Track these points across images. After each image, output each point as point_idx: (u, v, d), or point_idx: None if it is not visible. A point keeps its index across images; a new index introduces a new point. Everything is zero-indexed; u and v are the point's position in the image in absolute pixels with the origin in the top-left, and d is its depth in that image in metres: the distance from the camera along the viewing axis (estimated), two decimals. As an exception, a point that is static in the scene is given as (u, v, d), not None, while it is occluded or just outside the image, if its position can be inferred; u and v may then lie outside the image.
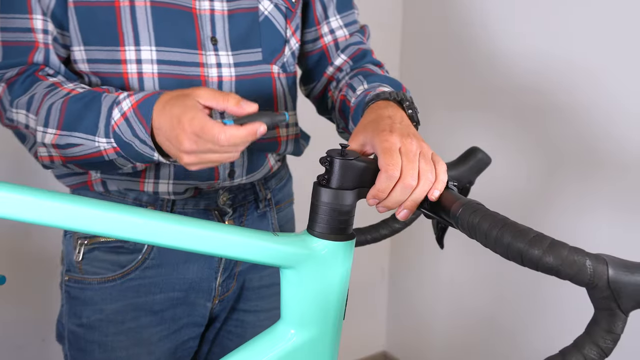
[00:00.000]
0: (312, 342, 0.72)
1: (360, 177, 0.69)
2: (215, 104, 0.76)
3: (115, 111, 0.82)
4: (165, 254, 0.98)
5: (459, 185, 0.89)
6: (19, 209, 0.58)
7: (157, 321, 1.00)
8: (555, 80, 1.61)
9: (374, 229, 0.88)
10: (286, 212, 1.14)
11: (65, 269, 1.01)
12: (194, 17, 0.91)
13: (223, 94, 0.76)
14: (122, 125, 0.81)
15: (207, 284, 1.02)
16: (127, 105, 0.81)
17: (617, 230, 1.51)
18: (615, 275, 0.53)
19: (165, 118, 0.77)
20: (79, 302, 0.99)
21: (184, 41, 0.91)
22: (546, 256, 0.55)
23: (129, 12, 0.88)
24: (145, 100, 0.80)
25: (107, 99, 0.83)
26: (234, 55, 0.95)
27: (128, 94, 0.83)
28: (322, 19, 1.07)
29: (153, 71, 0.90)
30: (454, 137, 1.94)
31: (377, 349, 2.35)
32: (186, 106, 0.75)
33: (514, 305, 1.82)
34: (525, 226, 0.59)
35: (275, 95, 1.00)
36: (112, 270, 0.97)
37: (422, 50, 2.05)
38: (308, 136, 1.13)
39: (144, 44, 0.90)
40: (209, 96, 0.76)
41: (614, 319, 0.54)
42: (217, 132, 0.73)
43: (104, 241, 0.97)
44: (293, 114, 1.06)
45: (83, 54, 0.91)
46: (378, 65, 1.07)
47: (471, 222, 0.62)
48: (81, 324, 0.99)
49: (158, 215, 0.64)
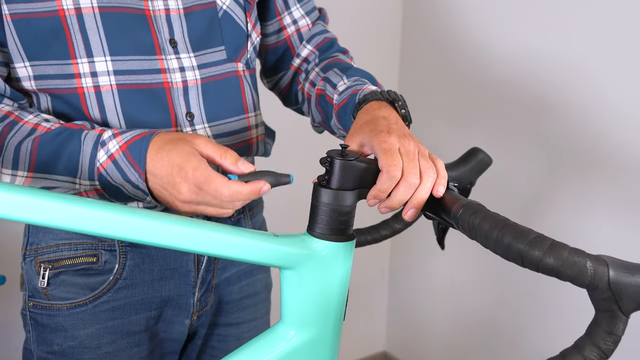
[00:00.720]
0: (312, 343, 0.71)
1: (361, 178, 0.69)
2: (213, 157, 0.74)
3: (101, 153, 0.77)
4: (138, 273, 0.93)
5: (459, 186, 0.89)
6: (19, 209, 0.58)
7: (136, 342, 0.95)
8: (555, 81, 1.61)
9: (374, 230, 0.88)
10: (258, 218, 1.10)
11: (28, 294, 0.93)
12: (148, 19, 0.85)
13: (222, 149, 0.74)
14: (109, 169, 0.77)
15: (185, 300, 0.97)
16: (115, 146, 0.77)
17: (618, 231, 1.51)
18: (616, 276, 0.53)
19: (163, 164, 0.74)
20: (48, 329, 0.92)
21: (141, 47, 0.85)
22: (547, 257, 0.55)
23: (76, 20, 0.81)
24: (136, 142, 0.76)
25: (88, 138, 0.78)
26: (197, 56, 0.89)
27: (113, 133, 0.78)
28: (283, 10, 1.03)
29: (111, 83, 0.84)
30: (454, 137, 1.94)
31: (377, 349, 2.35)
32: (187, 153, 0.73)
33: (514, 306, 1.82)
34: (526, 227, 0.59)
35: (244, 95, 0.96)
36: (83, 294, 0.90)
37: (422, 51, 2.05)
38: (273, 131, 1.10)
39: (97, 54, 0.82)
40: (208, 148, 0.74)
41: (615, 321, 0.54)
42: (220, 186, 0.72)
43: (71, 264, 0.90)
44: (260, 113, 1.01)
45: (29, 70, 0.83)
46: (344, 52, 1.06)
47: (472, 223, 0.62)
48: (52, 352, 0.92)
49: (157, 215, 0.64)
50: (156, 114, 0.87)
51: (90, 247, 0.91)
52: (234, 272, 1.04)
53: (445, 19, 1.93)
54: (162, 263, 0.94)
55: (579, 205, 1.59)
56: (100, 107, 0.85)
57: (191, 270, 0.96)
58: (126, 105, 0.85)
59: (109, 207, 0.62)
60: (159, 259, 0.94)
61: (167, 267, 0.95)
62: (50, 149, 0.79)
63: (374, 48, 2.07)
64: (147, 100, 0.86)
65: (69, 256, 0.90)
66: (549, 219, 1.67)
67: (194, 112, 0.90)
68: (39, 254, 0.92)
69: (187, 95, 0.89)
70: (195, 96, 0.89)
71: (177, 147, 0.74)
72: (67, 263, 0.90)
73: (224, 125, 0.94)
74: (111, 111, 0.85)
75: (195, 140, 0.75)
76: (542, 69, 1.64)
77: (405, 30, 2.10)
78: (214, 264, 0.99)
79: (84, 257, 0.91)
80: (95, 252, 0.91)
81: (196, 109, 0.90)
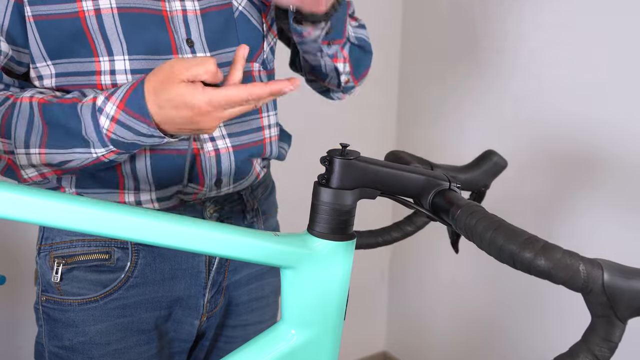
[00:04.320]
0: (313, 343, 0.71)
1: (361, 177, 0.69)
2: (197, 76, 0.74)
3: (102, 119, 0.78)
4: (149, 272, 0.94)
5: (474, 188, 0.88)
6: (19, 209, 0.58)
7: (145, 340, 0.96)
8: (555, 81, 1.61)
9: (385, 232, 0.87)
10: (271, 223, 1.10)
11: (41, 289, 0.95)
12: (165, 20, 0.87)
13: (198, 64, 0.74)
14: (117, 130, 0.78)
15: (195, 301, 0.98)
16: (112, 108, 0.78)
17: (625, 233, 1.51)
18: (610, 280, 0.51)
19: (171, 117, 0.76)
20: (59, 324, 0.93)
21: (158, 47, 0.86)
22: (538, 259, 0.53)
23: (96, 21, 0.83)
24: (131, 95, 0.77)
25: (84, 111, 0.79)
26: (213, 56, 0.90)
27: (105, 97, 0.79)
28: None
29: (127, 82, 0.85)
30: (454, 137, 1.94)
31: (377, 349, 2.35)
32: (182, 95, 0.74)
33: (514, 306, 1.82)
34: (520, 228, 0.57)
35: None
36: (94, 290, 0.92)
37: (422, 50, 2.05)
38: (289, 135, 1.10)
39: (116, 53, 0.85)
40: (187, 70, 0.74)
41: (611, 327, 0.52)
42: (243, 95, 0.74)
43: (84, 260, 0.92)
44: (275, 114, 1.02)
45: (52, 68, 0.85)
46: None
47: (468, 223, 0.60)
48: (63, 346, 0.94)
49: (158, 215, 0.64)
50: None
51: (103, 244, 0.92)
52: (244, 275, 1.04)
53: (446, 19, 1.93)
54: (173, 263, 0.95)
55: (583, 207, 1.59)
56: None
57: (202, 271, 0.97)
58: None
59: (112, 207, 0.62)
60: (170, 258, 0.94)
61: (178, 267, 0.95)
62: (56, 128, 0.80)
63: (373, 45, 2.06)
64: None
65: (82, 252, 0.92)
66: (550, 221, 1.66)
67: None
68: (53, 249, 0.93)
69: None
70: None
71: (170, 91, 0.74)
72: (81, 259, 0.91)
73: (238, 125, 0.95)
74: None
75: (175, 70, 0.74)
76: (541, 68, 1.64)
77: (405, 31, 2.10)
78: (225, 266, 1.00)
79: (97, 254, 0.92)
80: (108, 249, 0.92)
81: None
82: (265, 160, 1.04)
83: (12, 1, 0.82)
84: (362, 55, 1.05)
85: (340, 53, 0.99)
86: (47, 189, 0.86)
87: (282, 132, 1.08)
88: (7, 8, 0.82)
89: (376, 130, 2.13)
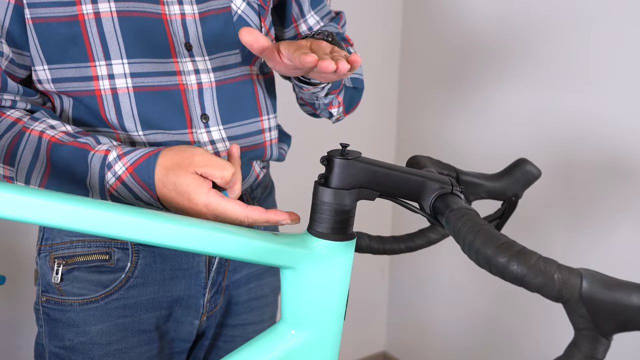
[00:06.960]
0: (313, 342, 0.71)
1: (359, 178, 0.69)
2: (211, 176, 0.75)
3: (109, 175, 0.79)
4: (149, 272, 0.94)
5: (503, 198, 0.85)
6: (19, 209, 0.58)
7: (146, 340, 0.96)
8: (555, 80, 1.61)
9: (409, 238, 0.85)
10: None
11: (41, 289, 0.95)
12: (164, 23, 0.87)
13: (218, 167, 0.75)
14: (119, 189, 0.79)
15: (195, 300, 0.98)
16: (122, 169, 0.78)
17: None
18: (590, 290, 0.47)
19: (169, 197, 0.76)
20: (60, 324, 0.94)
21: (157, 50, 0.87)
22: (511, 264, 0.50)
23: (95, 24, 0.83)
24: (142, 164, 0.78)
25: (94, 161, 0.79)
26: (211, 59, 0.91)
27: (118, 154, 0.79)
28: (299, 17, 1.05)
29: (127, 85, 0.86)
30: (454, 137, 1.94)
31: (377, 349, 2.35)
32: (190, 185, 0.74)
33: (514, 306, 1.82)
34: (501, 234, 0.54)
35: (258, 98, 0.98)
36: (95, 290, 0.92)
37: (422, 51, 2.05)
38: (288, 136, 1.11)
39: (114, 57, 0.84)
40: (205, 167, 0.75)
41: (594, 343, 0.49)
42: (239, 215, 0.75)
43: (84, 260, 0.92)
44: (275, 116, 1.03)
45: (47, 73, 0.85)
46: (345, 39, 1.09)
47: (456, 227, 0.59)
48: (63, 347, 0.94)
49: (158, 215, 0.64)
50: (172, 116, 0.89)
51: (104, 245, 0.92)
52: (244, 274, 1.05)
53: (446, 18, 1.93)
54: (173, 263, 0.95)
55: (582, 213, 1.59)
56: (117, 110, 0.86)
57: (202, 271, 0.97)
58: (142, 108, 0.87)
59: (111, 208, 0.62)
60: (170, 259, 0.95)
61: (178, 267, 0.96)
62: (60, 169, 0.80)
63: (374, 48, 2.07)
64: (163, 102, 0.88)
65: (82, 253, 0.92)
66: (551, 226, 1.66)
67: (209, 114, 0.91)
68: (53, 249, 0.93)
69: (202, 97, 0.90)
70: (209, 98, 0.91)
71: (180, 177, 0.75)
72: (81, 260, 0.92)
73: (239, 128, 0.95)
74: (127, 113, 0.87)
75: (194, 160, 0.75)
76: (542, 68, 1.64)
77: (405, 31, 2.10)
78: (224, 266, 1.00)
79: (97, 254, 0.92)
80: (108, 250, 0.92)
81: (211, 111, 0.91)
82: (264, 162, 1.04)
83: (12, 3, 0.82)
84: (355, 94, 1.08)
85: (336, 100, 1.02)
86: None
87: (281, 133, 1.09)
88: (7, 10, 0.82)
89: (376, 130, 2.14)
